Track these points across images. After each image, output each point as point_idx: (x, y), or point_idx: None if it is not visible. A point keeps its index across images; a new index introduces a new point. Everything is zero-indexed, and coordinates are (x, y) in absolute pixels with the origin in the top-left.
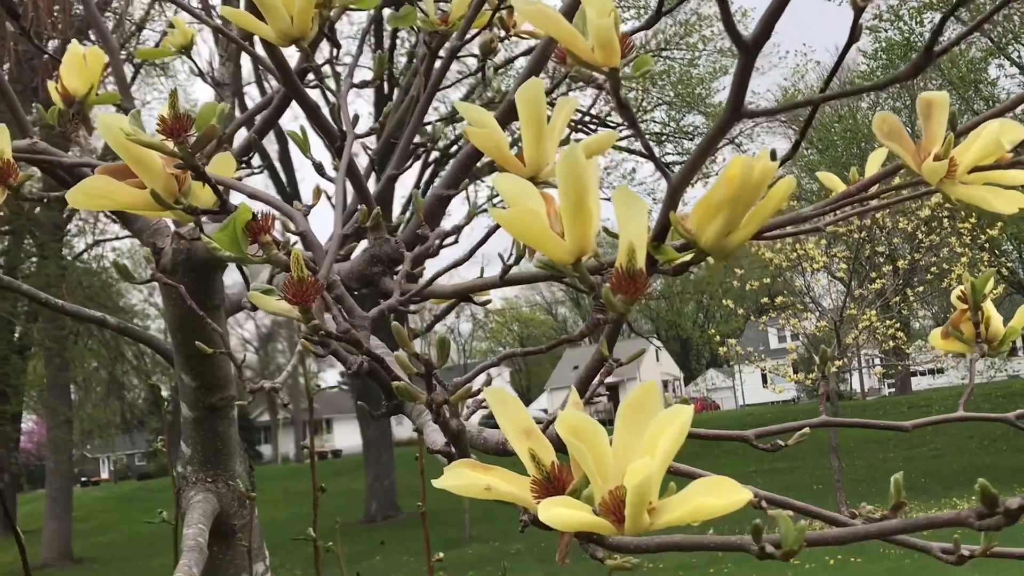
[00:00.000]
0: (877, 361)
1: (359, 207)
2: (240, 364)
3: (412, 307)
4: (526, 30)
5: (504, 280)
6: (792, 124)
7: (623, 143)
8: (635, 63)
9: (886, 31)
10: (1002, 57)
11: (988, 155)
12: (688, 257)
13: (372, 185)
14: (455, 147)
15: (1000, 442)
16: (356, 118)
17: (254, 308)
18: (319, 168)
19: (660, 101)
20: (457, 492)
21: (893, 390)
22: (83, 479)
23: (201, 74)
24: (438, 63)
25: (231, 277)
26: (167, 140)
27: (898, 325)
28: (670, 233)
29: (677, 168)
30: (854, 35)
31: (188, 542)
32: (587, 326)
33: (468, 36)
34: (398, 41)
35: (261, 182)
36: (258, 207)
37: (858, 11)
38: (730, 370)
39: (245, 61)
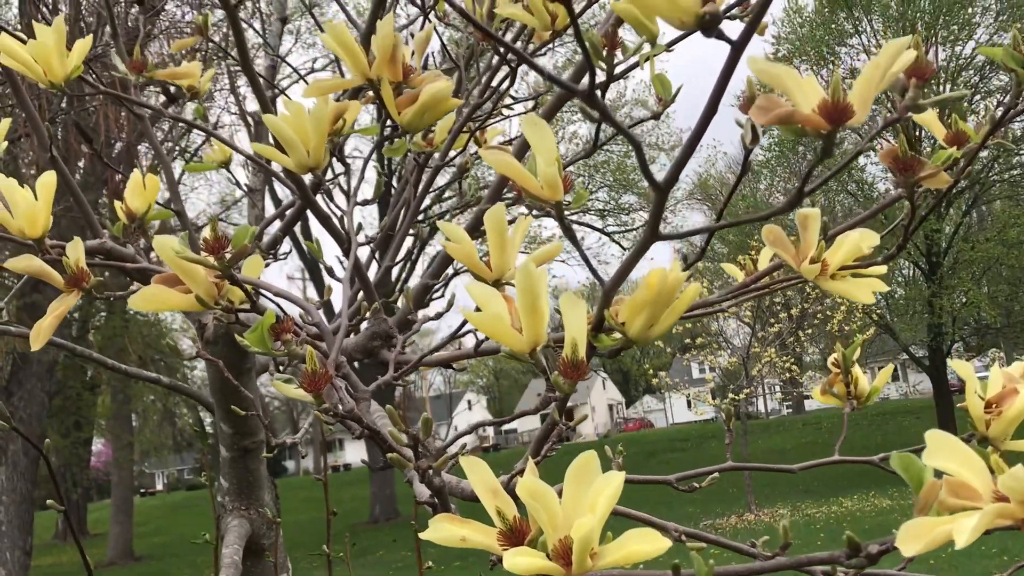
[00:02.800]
0: (777, 388)
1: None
2: (268, 424)
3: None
4: (495, 145)
5: (478, 352)
6: (706, 203)
7: (573, 217)
8: (575, 196)
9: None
10: (869, 151)
11: (851, 257)
12: (619, 344)
13: (373, 267)
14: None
15: (877, 450)
16: (360, 227)
17: (278, 369)
18: (330, 271)
19: (602, 184)
20: (438, 543)
21: (791, 410)
22: (142, 490)
23: (237, 183)
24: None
25: None
26: (209, 256)
27: (792, 360)
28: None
29: (617, 236)
30: (745, 168)
31: (226, 560)
32: (541, 402)
33: (449, 156)
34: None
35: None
36: (272, 301)
37: (747, 152)
38: (661, 396)
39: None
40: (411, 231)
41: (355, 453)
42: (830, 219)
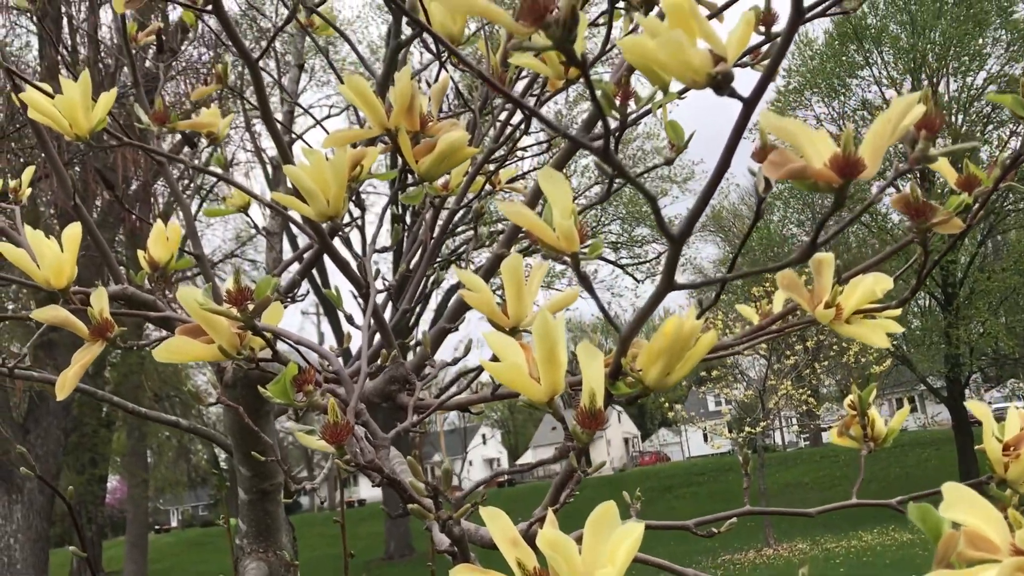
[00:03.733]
0: (794, 421)
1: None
2: (288, 470)
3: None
4: (509, 185)
5: (495, 396)
6: (719, 235)
7: (584, 250)
8: (590, 247)
9: None
10: (880, 179)
11: (865, 301)
12: (636, 391)
13: (389, 307)
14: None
15: (896, 483)
16: (378, 272)
17: (297, 417)
18: (349, 319)
19: (615, 217)
20: None
21: (808, 443)
22: (156, 527)
23: (256, 228)
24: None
25: None
26: (232, 307)
27: (809, 392)
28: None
29: (631, 268)
30: (758, 215)
31: None
32: (559, 451)
33: (464, 201)
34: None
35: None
36: (292, 346)
37: (760, 200)
38: (678, 429)
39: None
40: (427, 273)
41: (370, 488)
42: (843, 248)
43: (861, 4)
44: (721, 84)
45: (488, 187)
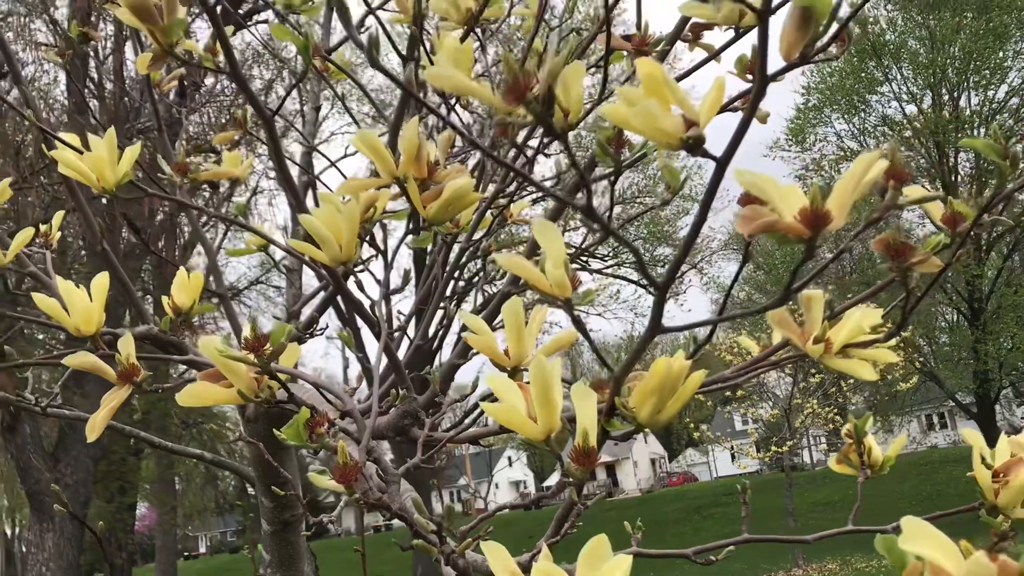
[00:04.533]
0: (823, 439)
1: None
2: (311, 500)
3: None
4: (518, 219)
5: (501, 429)
6: (740, 250)
7: (609, 269)
8: (583, 294)
9: (812, 178)
10: (903, 195)
11: (854, 336)
12: (630, 429)
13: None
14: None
15: (927, 502)
16: (390, 313)
17: (315, 453)
18: (365, 361)
19: (636, 237)
20: None
21: None
22: (185, 554)
23: (275, 264)
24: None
25: None
26: (249, 353)
27: (835, 410)
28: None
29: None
30: (746, 258)
31: None
32: (557, 486)
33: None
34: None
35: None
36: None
37: (746, 244)
38: (705, 448)
39: None
40: (440, 305)
41: None
42: (837, 267)
43: (844, 52)
44: (693, 147)
45: (500, 221)
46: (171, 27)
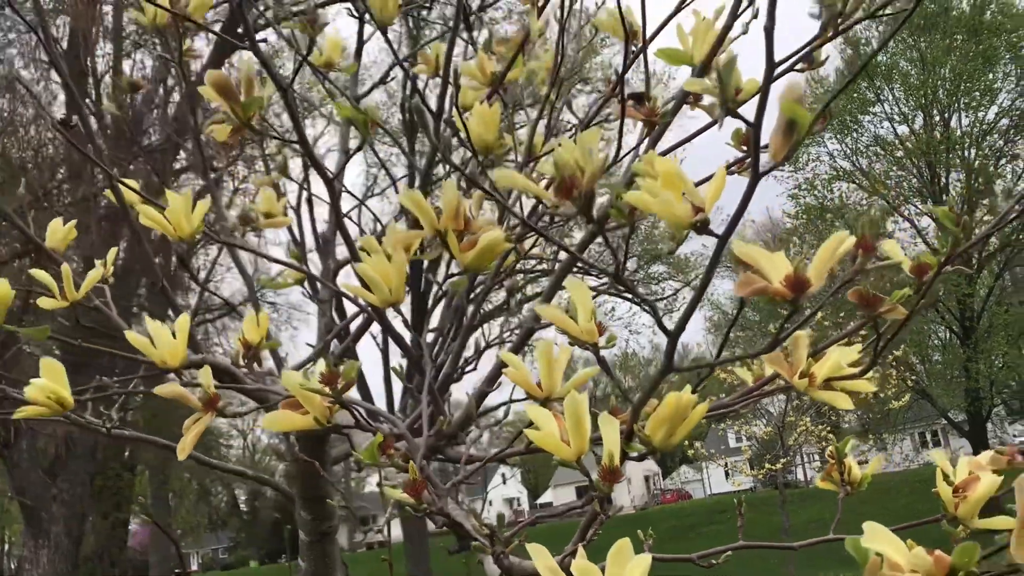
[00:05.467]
0: (817, 457)
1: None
2: (356, 511)
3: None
4: (534, 252)
5: (528, 450)
6: (736, 272)
7: (604, 287)
8: (607, 338)
9: (804, 197)
10: (896, 215)
11: (834, 371)
12: (647, 450)
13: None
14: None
15: (919, 518)
16: (433, 347)
17: (359, 469)
18: (415, 389)
19: (631, 254)
20: None
21: None
22: (177, 571)
23: (311, 296)
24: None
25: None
26: (324, 386)
27: (828, 429)
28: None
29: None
30: (734, 320)
31: None
32: (586, 499)
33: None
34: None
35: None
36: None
37: (740, 302)
38: (699, 466)
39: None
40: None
41: (393, 528)
42: (828, 282)
43: (824, 129)
44: (700, 228)
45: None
46: (249, 104)
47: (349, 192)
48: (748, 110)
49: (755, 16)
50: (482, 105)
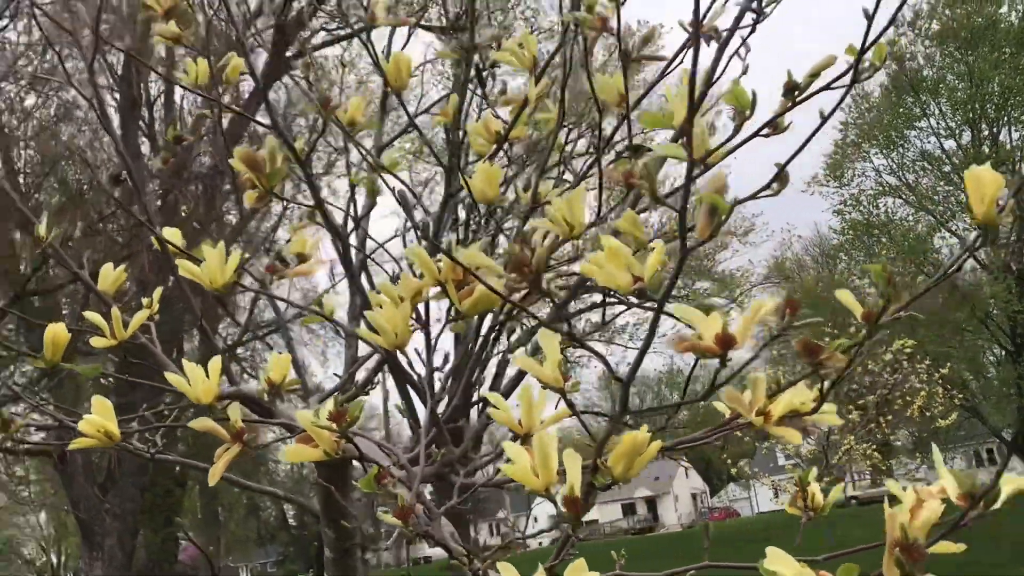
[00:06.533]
0: (867, 475)
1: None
2: (361, 535)
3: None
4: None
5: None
6: (781, 284)
7: (647, 304)
8: (571, 385)
9: (850, 213)
10: (943, 230)
11: (787, 409)
12: (609, 481)
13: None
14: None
15: (969, 539)
16: (441, 387)
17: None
18: (416, 425)
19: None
20: None
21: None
22: None
23: (337, 331)
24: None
25: None
26: (332, 423)
27: (874, 447)
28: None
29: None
30: (688, 378)
31: None
32: (552, 523)
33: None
34: None
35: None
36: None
37: (693, 365)
38: (747, 483)
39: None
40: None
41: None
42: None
43: (783, 189)
44: (639, 294)
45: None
46: (273, 174)
47: (372, 238)
48: (759, 140)
49: (745, 72)
50: (485, 164)
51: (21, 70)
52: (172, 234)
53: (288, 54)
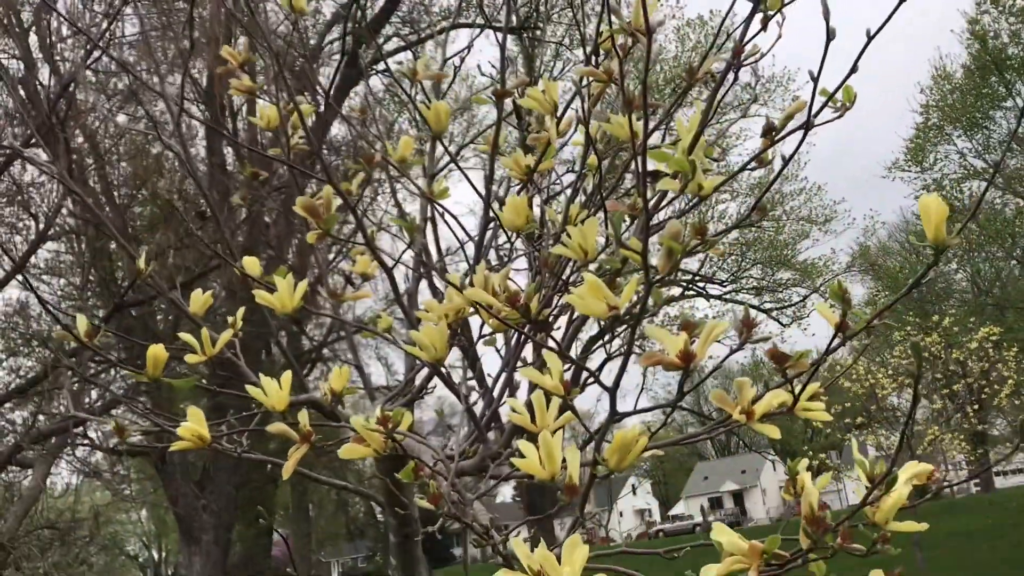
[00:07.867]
0: (963, 465)
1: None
2: (416, 520)
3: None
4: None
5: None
6: (869, 273)
7: (727, 295)
8: (572, 392)
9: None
10: None
11: (768, 409)
12: (606, 472)
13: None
14: None
15: None
16: (468, 391)
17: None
18: (459, 425)
19: (755, 262)
20: None
21: (979, 488)
22: None
23: (393, 341)
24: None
25: None
26: (380, 427)
27: (962, 437)
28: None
29: (775, 312)
30: (678, 398)
31: None
32: (556, 509)
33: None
34: None
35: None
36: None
37: (682, 381)
38: (837, 476)
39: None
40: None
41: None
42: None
43: (761, 220)
44: (612, 321)
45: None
46: (330, 219)
47: (430, 280)
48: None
49: (754, 99)
50: (513, 196)
51: (113, 107)
52: (250, 264)
53: (363, 61)
